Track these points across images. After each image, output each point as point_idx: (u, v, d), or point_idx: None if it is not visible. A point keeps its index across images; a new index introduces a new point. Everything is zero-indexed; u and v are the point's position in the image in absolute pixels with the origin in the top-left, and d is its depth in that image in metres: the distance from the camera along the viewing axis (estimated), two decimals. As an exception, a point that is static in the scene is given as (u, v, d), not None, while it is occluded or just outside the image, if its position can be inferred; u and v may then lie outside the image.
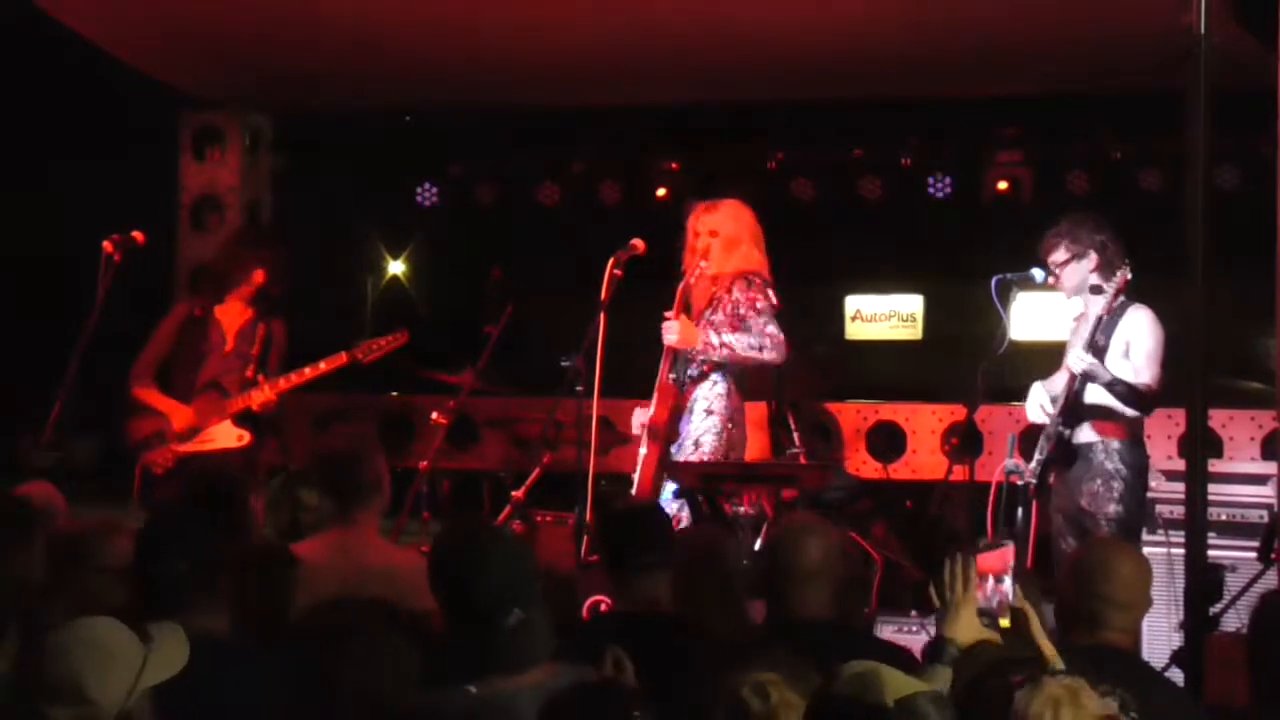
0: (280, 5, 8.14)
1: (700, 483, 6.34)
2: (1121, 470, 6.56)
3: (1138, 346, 6.54)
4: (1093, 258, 6.64)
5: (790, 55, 8.26)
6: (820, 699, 2.83)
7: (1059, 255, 6.70)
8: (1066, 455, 6.62)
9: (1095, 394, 6.54)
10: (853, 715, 2.75)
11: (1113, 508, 6.53)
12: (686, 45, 8.22)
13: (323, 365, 6.90)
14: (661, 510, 4.80)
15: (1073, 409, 6.58)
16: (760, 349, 6.65)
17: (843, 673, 2.85)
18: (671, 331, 6.64)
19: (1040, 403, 6.77)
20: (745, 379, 6.87)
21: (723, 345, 6.62)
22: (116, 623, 3.07)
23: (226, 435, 6.91)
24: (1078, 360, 6.47)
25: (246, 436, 6.90)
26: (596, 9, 7.92)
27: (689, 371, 6.71)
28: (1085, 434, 6.60)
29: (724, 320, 6.67)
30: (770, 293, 6.74)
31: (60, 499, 5.04)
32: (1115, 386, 6.45)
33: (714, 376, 6.71)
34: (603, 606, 5.15)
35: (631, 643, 3.93)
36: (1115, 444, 6.57)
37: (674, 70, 8.60)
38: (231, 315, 7.10)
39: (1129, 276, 6.43)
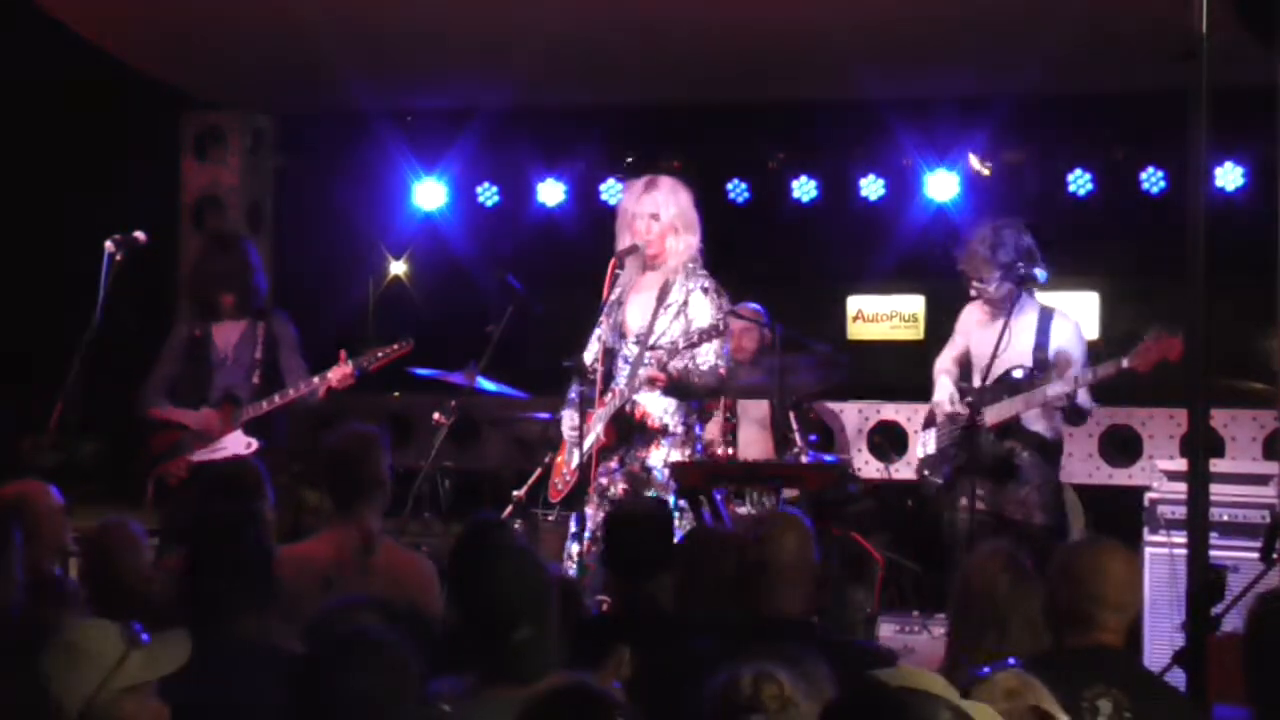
0: (281, 5, 8.14)
1: (704, 483, 6.32)
2: (1050, 474, 6.63)
3: (1069, 358, 6.55)
4: (1019, 268, 6.59)
5: (792, 54, 8.27)
6: (844, 683, 2.87)
7: (988, 272, 6.61)
8: (993, 463, 6.59)
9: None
10: (868, 699, 2.78)
11: (1040, 515, 6.53)
12: (687, 44, 8.23)
13: (331, 378, 6.93)
14: (667, 513, 4.78)
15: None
16: (715, 377, 6.43)
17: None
18: (655, 385, 6.38)
19: (951, 393, 6.75)
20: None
21: (699, 370, 6.38)
22: (101, 624, 3.15)
23: (236, 442, 6.99)
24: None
25: (255, 444, 6.97)
26: (596, 8, 7.93)
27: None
28: (1010, 440, 6.58)
29: (689, 335, 6.36)
30: (725, 302, 6.49)
31: (54, 498, 5.03)
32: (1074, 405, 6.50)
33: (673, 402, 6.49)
34: (604, 606, 5.16)
35: (632, 643, 3.95)
36: (1040, 450, 6.59)
37: (674, 69, 8.60)
38: (226, 330, 7.19)
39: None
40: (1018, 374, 6.59)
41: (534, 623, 3.59)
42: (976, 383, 6.73)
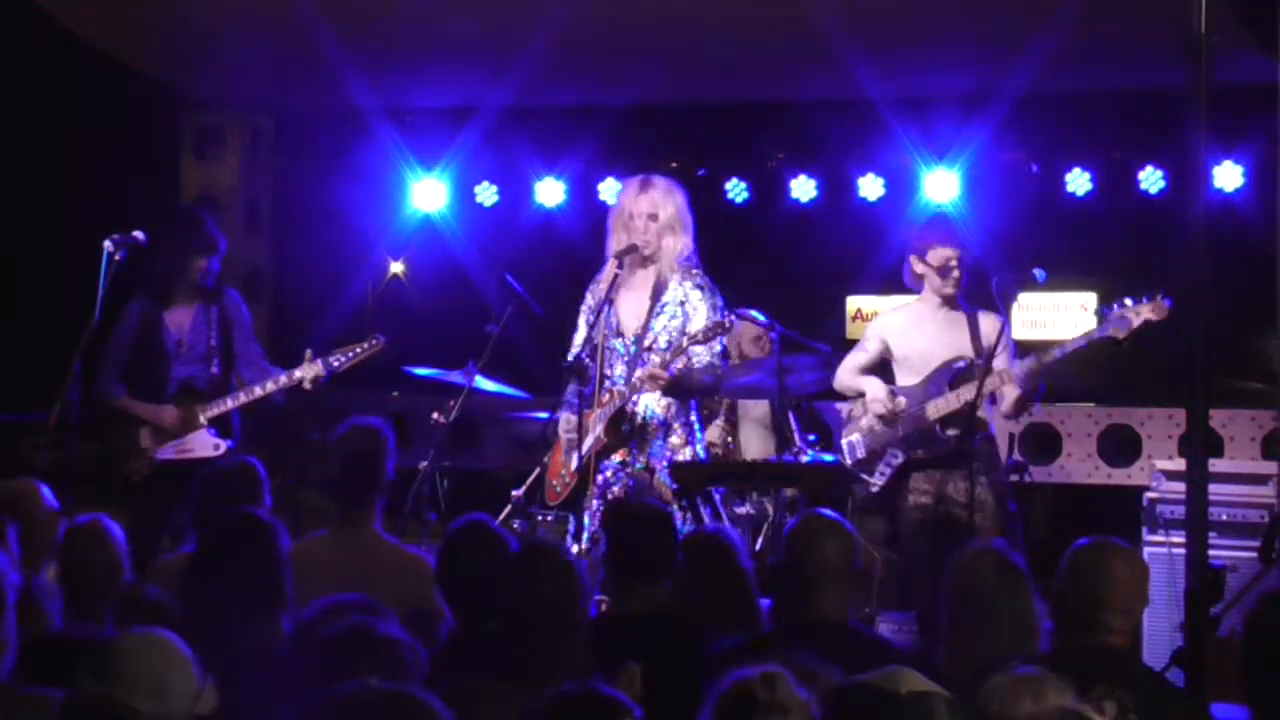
0: (281, 5, 8.14)
1: (704, 483, 6.31)
2: (997, 461, 6.67)
3: (1007, 352, 6.60)
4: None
5: (792, 54, 8.26)
6: (840, 686, 2.88)
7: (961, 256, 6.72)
8: (942, 454, 6.61)
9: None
10: (866, 699, 2.79)
11: (990, 498, 6.52)
12: (687, 44, 8.22)
13: (299, 376, 6.84)
14: (668, 515, 4.77)
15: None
16: (713, 376, 6.44)
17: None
18: (655, 384, 6.30)
19: (886, 391, 6.74)
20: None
21: (700, 368, 6.36)
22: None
23: (204, 445, 6.89)
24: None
25: (222, 446, 6.88)
26: (596, 7, 7.93)
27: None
28: (961, 431, 6.61)
29: (692, 335, 6.31)
30: (720, 301, 6.46)
31: (43, 497, 5.03)
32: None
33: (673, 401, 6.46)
34: (603, 606, 5.15)
35: (632, 644, 3.94)
36: (981, 437, 6.61)
37: (674, 69, 8.60)
38: (179, 316, 7.06)
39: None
40: (960, 365, 6.65)
41: (558, 626, 3.60)
42: (914, 380, 6.77)
